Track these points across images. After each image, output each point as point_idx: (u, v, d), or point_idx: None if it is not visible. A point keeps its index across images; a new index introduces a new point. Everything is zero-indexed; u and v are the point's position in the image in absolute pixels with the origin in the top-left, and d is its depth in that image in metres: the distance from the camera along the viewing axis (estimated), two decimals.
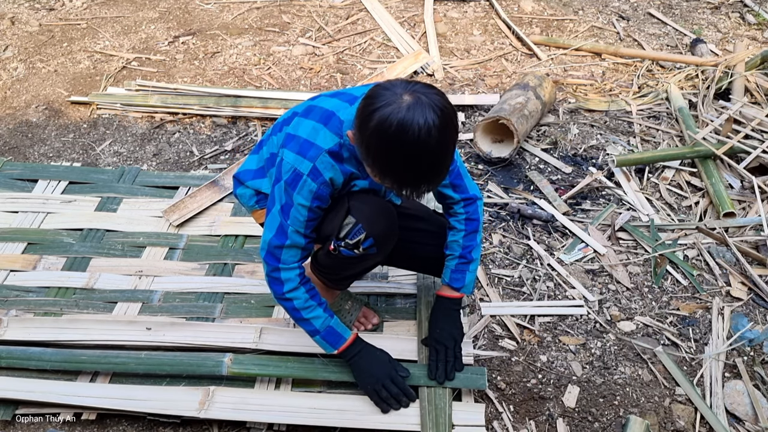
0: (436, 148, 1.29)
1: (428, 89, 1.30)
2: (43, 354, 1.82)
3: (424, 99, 1.27)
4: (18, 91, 3.12)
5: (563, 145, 2.75)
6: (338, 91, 1.61)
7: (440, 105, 1.28)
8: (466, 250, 1.74)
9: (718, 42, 3.51)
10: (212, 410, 1.69)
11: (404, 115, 1.25)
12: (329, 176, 1.50)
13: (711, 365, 1.88)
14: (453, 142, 1.33)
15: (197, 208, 2.35)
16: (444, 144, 1.30)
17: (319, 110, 1.54)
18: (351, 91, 1.58)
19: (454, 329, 1.80)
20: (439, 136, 1.27)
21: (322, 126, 1.50)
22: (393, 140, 1.27)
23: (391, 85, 1.31)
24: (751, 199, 2.45)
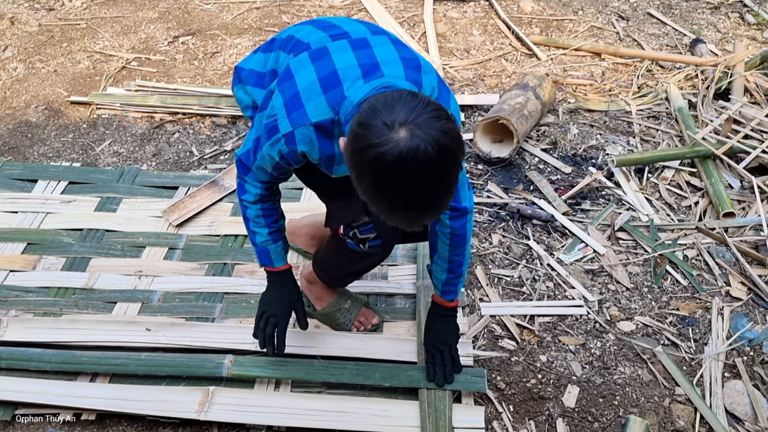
0: (430, 190, 1.16)
1: (429, 117, 1.14)
2: (42, 355, 1.82)
3: (419, 134, 1.11)
4: (17, 91, 3.11)
5: (563, 145, 2.75)
6: (362, 33, 1.43)
7: (439, 140, 1.12)
8: (454, 264, 1.65)
9: (717, 42, 3.51)
10: (212, 412, 1.69)
11: (397, 157, 1.11)
12: (302, 150, 1.38)
13: (711, 365, 1.88)
14: (451, 178, 1.18)
15: (197, 207, 2.35)
16: (441, 183, 1.17)
17: (329, 64, 1.36)
18: (374, 47, 1.39)
19: (450, 333, 1.79)
20: (437, 175, 1.15)
21: (321, 92, 1.34)
22: (386, 182, 1.14)
23: (388, 108, 1.15)
24: (751, 199, 2.45)
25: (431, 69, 1.42)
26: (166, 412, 1.69)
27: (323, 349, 1.85)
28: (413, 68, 1.37)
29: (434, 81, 1.40)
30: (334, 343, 1.87)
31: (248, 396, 1.74)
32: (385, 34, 1.46)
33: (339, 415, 1.69)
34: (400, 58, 1.37)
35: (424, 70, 1.39)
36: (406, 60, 1.38)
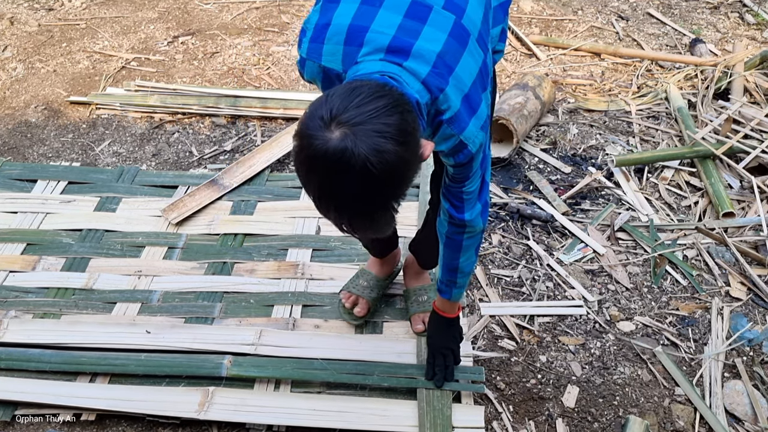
0: (346, 200, 1.05)
1: (374, 131, 1.01)
2: (42, 355, 1.82)
3: (351, 143, 1.00)
4: (17, 92, 3.11)
5: (562, 145, 2.75)
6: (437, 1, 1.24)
7: (367, 157, 1.00)
8: (447, 265, 1.59)
9: (717, 42, 3.51)
10: (212, 412, 1.69)
11: (319, 156, 1.02)
12: (308, 78, 1.32)
13: (710, 365, 1.88)
14: (370, 199, 1.06)
15: (196, 206, 2.35)
16: (358, 199, 1.05)
17: (370, 15, 1.21)
18: (428, 24, 1.21)
19: (450, 339, 1.78)
20: (354, 190, 1.03)
21: (343, 42, 1.22)
22: (306, 175, 1.06)
23: (342, 101, 1.03)
24: (751, 199, 2.45)
25: (472, 83, 1.23)
26: (166, 412, 1.69)
27: (323, 349, 1.85)
28: (441, 74, 1.19)
29: (457, 100, 1.21)
30: (333, 344, 1.87)
31: (248, 396, 1.74)
32: (457, 14, 1.24)
33: (339, 415, 1.69)
34: (439, 54, 1.20)
35: (458, 79, 1.21)
36: (445, 59, 1.20)
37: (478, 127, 1.26)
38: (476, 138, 1.26)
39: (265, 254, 2.20)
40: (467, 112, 1.24)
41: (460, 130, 1.24)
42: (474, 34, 1.25)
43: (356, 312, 1.93)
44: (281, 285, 2.09)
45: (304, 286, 2.08)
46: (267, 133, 2.82)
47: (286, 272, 2.13)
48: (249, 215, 2.36)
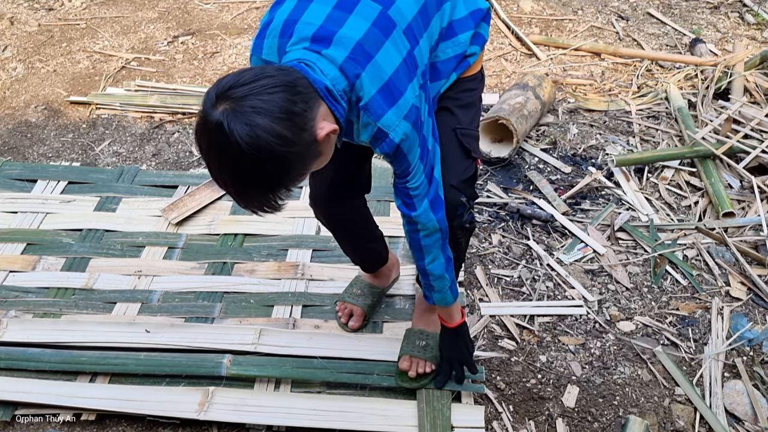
0: (225, 176, 1.10)
1: (253, 110, 1.05)
2: (42, 355, 1.82)
3: (230, 119, 1.04)
4: (17, 91, 3.11)
5: (562, 145, 2.75)
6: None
7: (243, 135, 1.04)
8: (419, 267, 1.54)
9: (717, 42, 3.51)
10: (212, 412, 1.69)
11: (201, 129, 1.08)
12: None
13: (710, 365, 1.88)
14: (245, 176, 1.10)
15: (196, 206, 2.35)
16: (234, 174, 1.10)
17: (300, 10, 1.26)
18: (354, 14, 1.24)
19: (457, 351, 1.72)
20: (230, 165, 1.08)
21: (277, 35, 1.28)
22: (199, 147, 1.12)
23: (235, 79, 1.09)
24: (751, 198, 2.45)
25: (394, 72, 1.23)
26: (166, 412, 1.69)
27: (323, 349, 1.85)
28: (358, 60, 1.21)
29: (373, 87, 1.21)
30: (333, 343, 1.87)
31: (248, 396, 1.74)
32: (384, 5, 1.26)
33: (339, 415, 1.69)
34: (359, 42, 1.21)
35: (377, 67, 1.21)
36: (365, 47, 1.21)
37: (399, 117, 1.25)
38: (397, 127, 1.25)
39: (265, 254, 2.20)
40: (385, 100, 1.23)
41: (376, 118, 1.23)
42: (401, 25, 1.26)
43: (350, 326, 1.93)
44: (281, 285, 2.09)
45: (304, 286, 2.08)
46: None
47: (286, 272, 2.13)
48: (249, 215, 2.35)
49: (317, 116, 1.15)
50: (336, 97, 1.19)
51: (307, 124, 1.12)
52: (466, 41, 1.48)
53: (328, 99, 1.18)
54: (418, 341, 1.80)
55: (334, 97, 1.19)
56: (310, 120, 1.13)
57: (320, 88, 1.17)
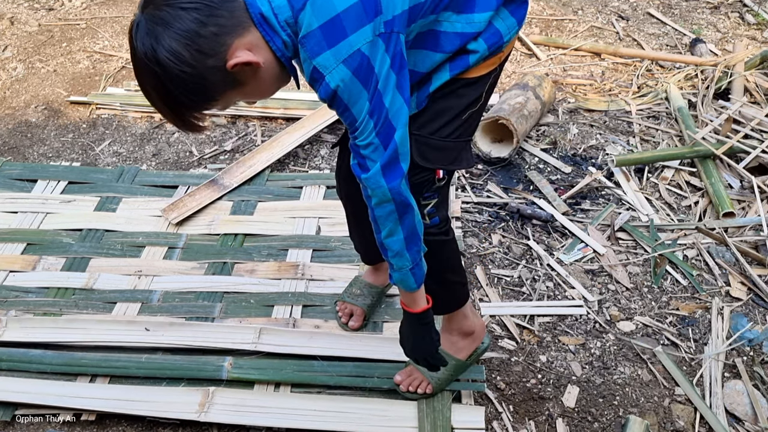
0: (138, 75, 1.13)
1: (167, 8, 1.06)
2: (43, 356, 1.83)
3: (142, 26, 1.07)
4: (17, 91, 3.11)
5: (563, 145, 2.75)
6: None
7: (148, 46, 1.07)
8: (377, 241, 1.38)
9: (717, 42, 3.51)
10: (212, 413, 1.68)
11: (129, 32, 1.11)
12: None
13: (710, 365, 1.88)
14: (151, 84, 1.11)
15: (196, 206, 2.35)
16: (140, 81, 1.13)
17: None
18: None
19: (422, 345, 1.54)
20: (134, 69, 1.12)
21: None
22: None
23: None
24: (751, 198, 2.45)
25: (345, 10, 1.12)
26: (166, 413, 1.69)
27: (323, 349, 1.85)
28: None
29: (315, 21, 1.11)
30: (333, 343, 1.87)
31: (248, 397, 1.74)
32: None
33: (339, 416, 1.69)
34: None
35: (328, 0, 1.12)
36: None
37: (338, 60, 1.13)
38: (334, 70, 1.13)
39: (265, 254, 2.20)
40: (326, 38, 1.12)
41: (312, 54, 1.13)
42: None
43: (351, 326, 1.93)
44: (281, 285, 2.09)
45: (305, 286, 2.08)
46: (267, 133, 2.82)
47: (286, 272, 2.13)
48: (249, 215, 2.36)
49: (235, 43, 1.10)
50: (274, 26, 1.13)
51: (216, 50, 1.08)
52: (482, 22, 1.31)
53: (262, 27, 1.12)
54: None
55: (271, 26, 1.13)
56: (220, 45, 1.08)
57: (254, 13, 1.11)
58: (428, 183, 1.41)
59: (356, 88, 1.16)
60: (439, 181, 1.41)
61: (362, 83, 1.16)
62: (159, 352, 1.86)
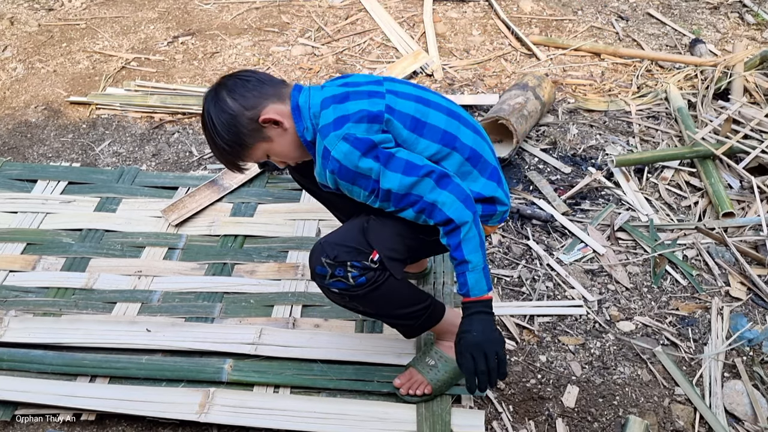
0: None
1: (218, 99, 1.51)
2: (44, 357, 1.83)
3: (210, 95, 1.53)
4: (17, 92, 3.11)
5: (562, 145, 2.76)
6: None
7: (209, 109, 1.52)
8: (454, 253, 1.47)
9: (717, 42, 3.51)
10: (212, 414, 1.69)
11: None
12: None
13: (710, 365, 1.88)
14: (208, 137, 1.54)
15: (196, 207, 2.35)
16: (205, 134, 1.56)
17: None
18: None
19: (493, 336, 1.49)
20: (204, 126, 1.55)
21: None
22: None
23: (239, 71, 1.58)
24: (750, 199, 2.45)
25: (355, 113, 1.47)
26: (167, 414, 1.69)
27: (323, 349, 1.85)
28: (336, 100, 1.51)
29: (332, 117, 1.48)
30: (333, 343, 1.87)
31: (248, 397, 1.74)
32: (387, 97, 1.53)
33: (338, 418, 1.69)
34: (347, 92, 1.52)
35: (345, 107, 1.48)
36: (347, 96, 1.51)
37: (339, 138, 1.43)
38: (336, 146, 1.43)
39: (265, 256, 2.20)
40: (336, 126, 1.45)
41: (324, 137, 1.46)
42: (388, 101, 1.50)
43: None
44: (281, 285, 2.09)
45: (304, 286, 2.08)
46: None
47: (286, 273, 2.13)
48: (249, 217, 2.36)
49: (269, 105, 1.51)
50: (303, 114, 1.51)
51: (254, 106, 1.49)
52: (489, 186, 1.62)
53: (295, 111, 1.51)
54: (429, 359, 1.74)
55: (300, 114, 1.51)
56: (258, 104, 1.50)
57: (293, 101, 1.52)
58: (362, 255, 1.47)
59: (354, 155, 1.43)
60: (372, 262, 1.48)
61: (363, 148, 1.43)
62: (159, 354, 1.86)
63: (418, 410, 1.71)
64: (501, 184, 1.63)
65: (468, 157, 1.55)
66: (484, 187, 1.59)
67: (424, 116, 1.52)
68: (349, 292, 1.51)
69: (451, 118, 1.56)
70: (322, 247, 1.49)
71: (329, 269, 1.49)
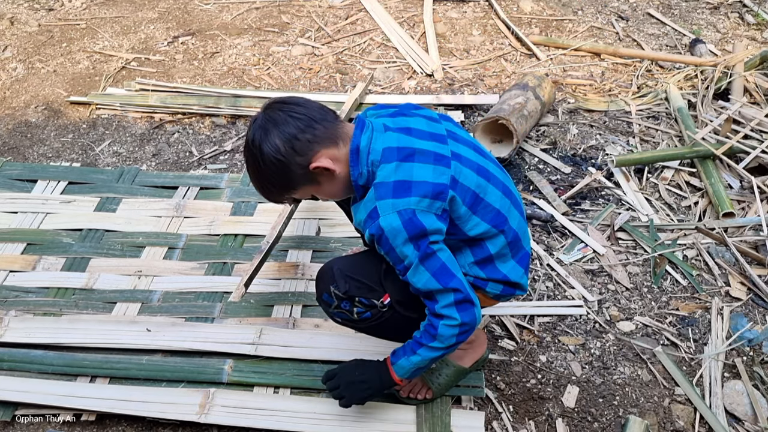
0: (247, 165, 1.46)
1: (284, 114, 1.39)
2: (44, 357, 1.83)
3: (259, 121, 1.40)
4: (17, 92, 3.11)
5: (562, 145, 2.76)
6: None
7: (258, 139, 1.39)
8: (417, 333, 1.50)
9: (717, 42, 3.51)
10: (212, 414, 1.69)
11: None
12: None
13: (710, 365, 1.88)
14: (253, 169, 1.43)
15: (250, 268, 2.02)
16: (248, 166, 1.45)
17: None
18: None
19: (365, 381, 1.58)
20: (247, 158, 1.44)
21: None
22: None
23: (287, 97, 1.47)
24: (750, 199, 2.45)
25: (419, 183, 1.37)
26: (167, 414, 1.69)
27: (323, 349, 1.85)
28: (402, 156, 1.40)
29: (393, 177, 1.37)
30: (333, 343, 1.87)
31: (248, 398, 1.74)
32: (453, 157, 1.45)
33: (339, 419, 1.69)
34: (415, 149, 1.41)
35: (410, 170, 1.38)
36: (414, 154, 1.40)
37: (394, 210, 1.35)
38: (388, 216, 1.35)
39: None
40: (396, 191, 1.36)
41: (378, 197, 1.36)
42: (453, 172, 1.40)
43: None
44: (281, 285, 2.09)
45: (304, 286, 2.08)
46: None
47: (286, 273, 2.13)
48: (249, 216, 2.36)
49: (322, 151, 1.39)
50: (361, 160, 1.40)
51: (305, 151, 1.38)
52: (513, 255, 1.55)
53: (353, 154, 1.40)
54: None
55: (359, 158, 1.40)
56: (310, 149, 1.38)
57: (353, 143, 1.40)
58: (373, 294, 1.50)
59: (400, 235, 1.35)
60: (381, 305, 1.50)
61: (408, 235, 1.36)
62: (159, 354, 1.86)
63: (417, 411, 1.71)
64: (527, 272, 1.59)
65: (510, 241, 1.51)
66: (512, 270, 1.54)
67: (483, 192, 1.45)
68: (352, 324, 1.57)
69: (505, 196, 1.51)
70: (334, 276, 1.49)
71: (336, 300, 1.51)
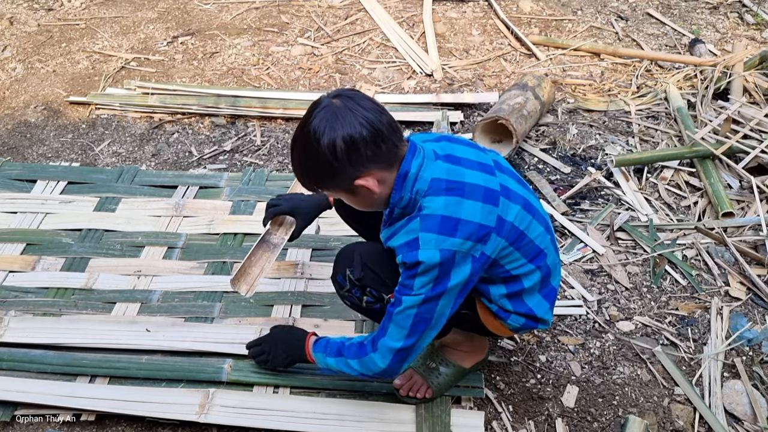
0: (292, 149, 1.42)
1: (354, 109, 1.32)
2: (44, 357, 1.83)
3: (321, 113, 1.34)
4: (16, 92, 3.11)
5: (562, 145, 2.76)
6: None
7: (315, 129, 1.32)
8: (343, 343, 1.58)
9: (716, 42, 3.51)
10: (212, 414, 1.68)
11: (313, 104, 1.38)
12: None
13: (710, 365, 1.89)
14: (301, 154, 1.38)
15: (258, 272, 1.98)
16: (294, 148, 1.40)
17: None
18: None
19: (289, 341, 1.73)
20: (294, 143, 1.40)
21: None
22: None
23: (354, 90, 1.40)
24: (750, 198, 2.45)
25: (464, 222, 1.35)
26: (167, 415, 1.69)
27: None
28: (451, 191, 1.37)
29: (441, 212, 1.35)
30: None
31: (248, 398, 1.74)
32: (502, 193, 1.43)
33: (338, 419, 1.69)
34: (465, 183, 1.39)
35: (459, 205, 1.36)
36: (463, 189, 1.38)
37: (437, 247, 1.33)
38: (429, 251, 1.33)
39: None
40: (442, 227, 1.34)
41: (424, 229, 1.34)
42: (500, 212, 1.39)
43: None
44: (281, 285, 2.09)
45: (304, 285, 2.08)
46: (266, 133, 2.83)
47: (285, 272, 2.13)
48: (249, 215, 2.36)
49: (372, 172, 1.35)
50: (406, 186, 1.37)
51: (358, 166, 1.33)
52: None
53: (399, 179, 1.36)
54: (431, 361, 1.74)
55: (404, 184, 1.36)
56: (363, 166, 1.33)
57: (403, 167, 1.36)
58: (384, 288, 1.52)
59: (432, 272, 1.34)
60: (389, 301, 1.49)
61: (440, 277, 1.35)
62: (159, 354, 1.86)
63: (417, 411, 1.71)
64: (553, 307, 1.58)
65: (543, 277, 1.51)
66: (538, 305, 1.54)
67: (527, 229, 1.44)
68: (359, 309, 1.61)
69: (546, 232, 1.51)
70: (353, 261, 1.52)
71: (348, 285, 1.53)
